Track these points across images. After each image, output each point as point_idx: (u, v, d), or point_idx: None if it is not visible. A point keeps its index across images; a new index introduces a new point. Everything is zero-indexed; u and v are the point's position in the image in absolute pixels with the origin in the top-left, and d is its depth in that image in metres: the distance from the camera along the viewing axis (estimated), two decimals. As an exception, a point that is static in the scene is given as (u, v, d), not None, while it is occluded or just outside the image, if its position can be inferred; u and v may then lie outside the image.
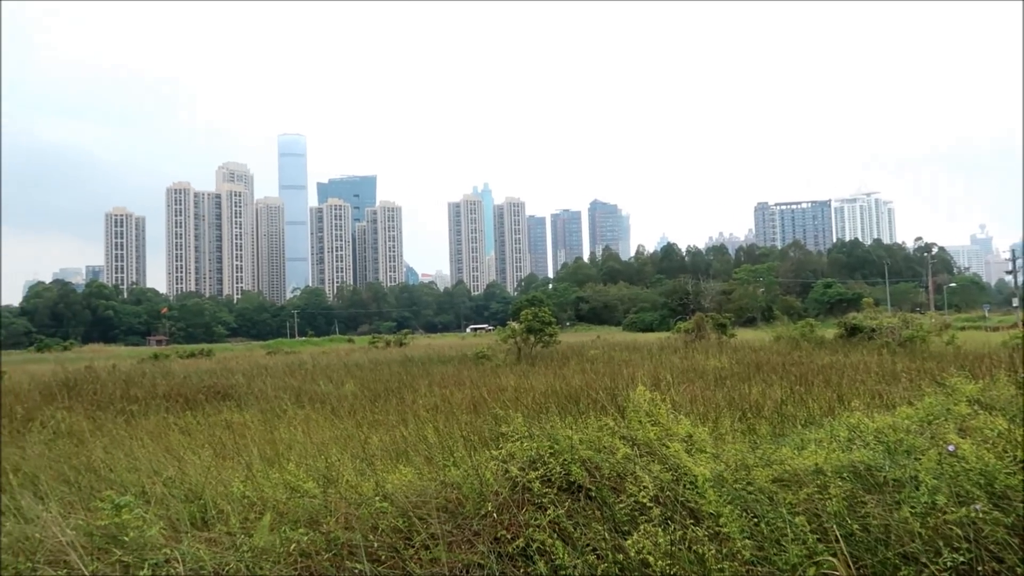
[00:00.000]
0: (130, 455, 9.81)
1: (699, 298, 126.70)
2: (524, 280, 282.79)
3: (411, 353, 40.10)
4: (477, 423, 11.14)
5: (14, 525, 6.55)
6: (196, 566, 5.34)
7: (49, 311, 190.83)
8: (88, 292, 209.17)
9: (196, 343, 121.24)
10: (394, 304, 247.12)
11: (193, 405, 16.34)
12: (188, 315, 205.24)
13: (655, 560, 4.96)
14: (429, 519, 5.94)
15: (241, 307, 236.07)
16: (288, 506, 6.76)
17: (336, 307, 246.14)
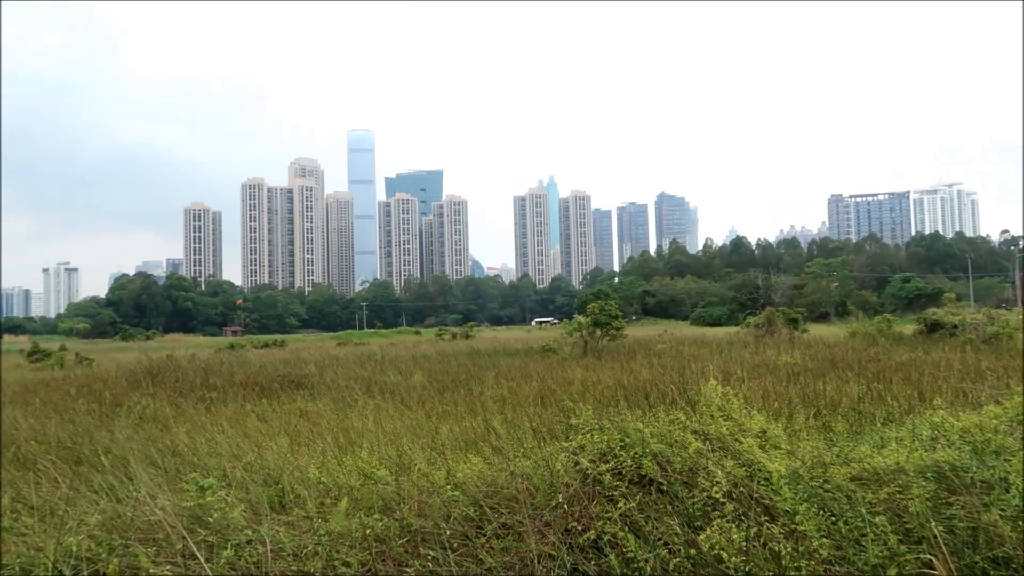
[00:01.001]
0: (211, 440, 10.18)
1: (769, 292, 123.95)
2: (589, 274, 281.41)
3: (477, 346, 40.43)
4: (545, 415, 11.16)
5: (108, 504, 6.88)
6: (276, 548, 5.52)
7: (133, 302, 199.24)
8: (168, 284, 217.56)
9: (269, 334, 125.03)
10: (460, 297, 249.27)
11: (268, 393, 16.84)
12: (262, 307, 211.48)
13: (729, 556, 4.89)
14: (500, 509, 6.00)
15: (312, 299, 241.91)
16: (362, 492, 6.92)
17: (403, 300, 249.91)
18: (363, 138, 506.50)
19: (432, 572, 5.11)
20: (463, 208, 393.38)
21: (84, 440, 10.58)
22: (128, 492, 7.30)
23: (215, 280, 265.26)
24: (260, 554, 5.35)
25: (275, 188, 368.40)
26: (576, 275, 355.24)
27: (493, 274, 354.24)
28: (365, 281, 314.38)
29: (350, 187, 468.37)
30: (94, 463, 8.98)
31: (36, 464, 8.99)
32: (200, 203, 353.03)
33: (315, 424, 11.83)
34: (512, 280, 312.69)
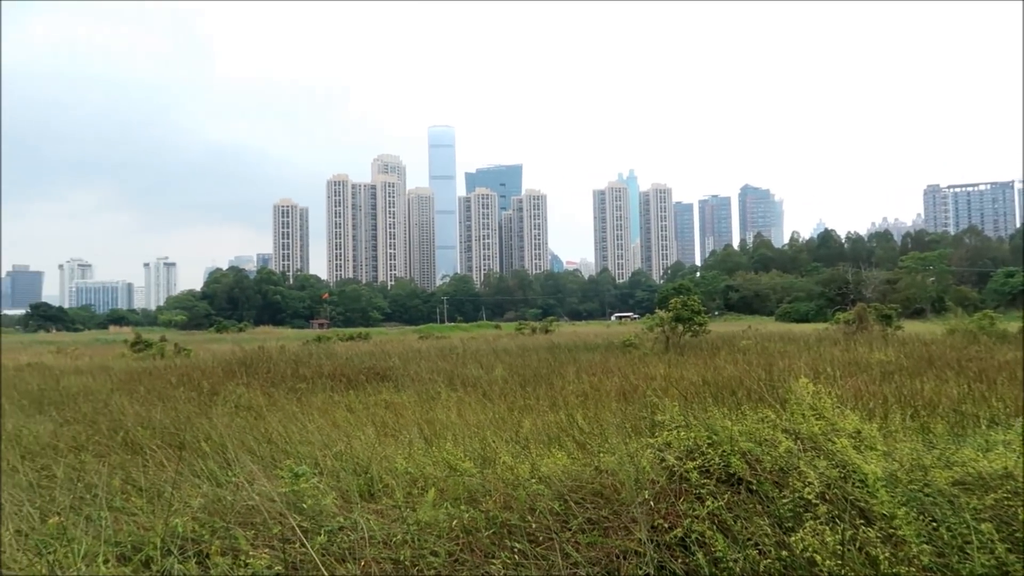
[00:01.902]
0: (302, 429, 10.54)
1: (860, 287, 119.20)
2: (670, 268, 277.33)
3: (556, 340, 40.40)
4: (628, 411, 11.08)
5: (209, 488, 7.22)
6: (367, 535, 5.67)
7: (226, 295, 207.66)
8: (259, 278, 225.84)
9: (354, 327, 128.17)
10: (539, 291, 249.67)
11: (355, 385, 17.27)
12: (346, 300, 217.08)
13: (822, 559, 4.76)
14: (585, 504, 6.01)
15: (394, 293, 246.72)
16: (448, 484, 7.04)
17: (483, 294, 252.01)
18: (444, 134, 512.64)
19: (518, 565, 5.16)
20: (542, 202, 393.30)
21: (185, 427, 11.12)
22: (227, 477, 7.63)
23: (302, 274, 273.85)
24: (352, 541, 5.51)
25: (359, 184, 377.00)
26: (656, 270, 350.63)
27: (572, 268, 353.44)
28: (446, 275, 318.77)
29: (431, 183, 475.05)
30: (195, 449, 9.42)
31: (143, 448, 9.50)
32: (288, 199, 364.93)
33: (400, 416, 12.07)
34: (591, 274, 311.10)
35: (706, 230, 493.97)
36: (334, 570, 5.16)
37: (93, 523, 6.06)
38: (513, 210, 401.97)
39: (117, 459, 8.97)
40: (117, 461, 8.81)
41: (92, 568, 4.93)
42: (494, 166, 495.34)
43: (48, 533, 5.84)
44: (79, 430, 11.26)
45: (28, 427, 11.57)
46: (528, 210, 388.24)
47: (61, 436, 10.80)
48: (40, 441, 10.42)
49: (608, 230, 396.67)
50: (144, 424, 11.37)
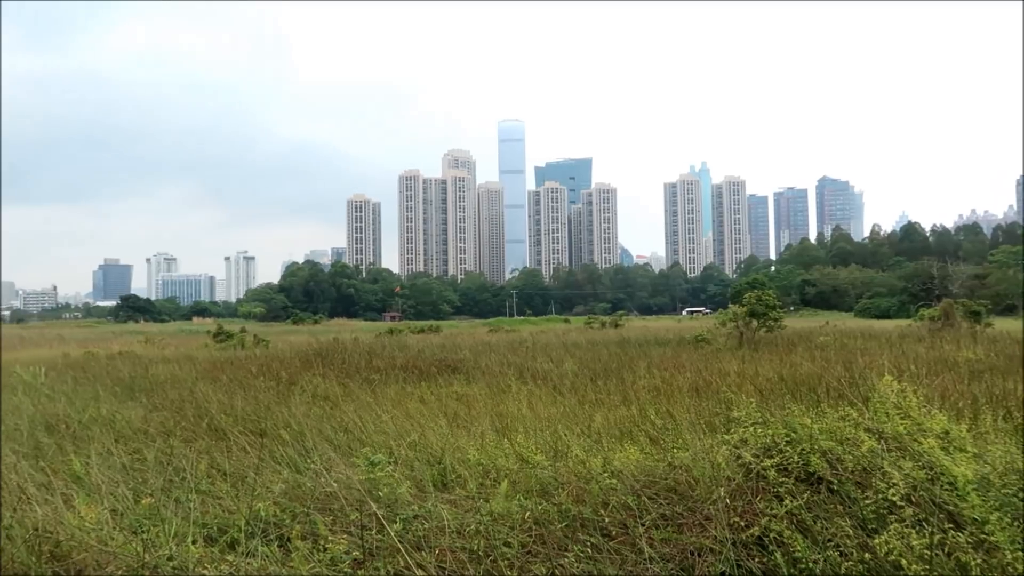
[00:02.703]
0: (377, 419, 10.75)
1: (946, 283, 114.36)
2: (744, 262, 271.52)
3: (626, 335, 40.09)
4: (701, 406, 10.91)
5: (289, 474, 7.46)
6: (441, 524, 5.76)
7: (302, 288, 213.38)
8: (333, 272, 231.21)
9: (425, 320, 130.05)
10: (609, 285, 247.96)
11: (427, 377, 17.52)
12: (418, 294, 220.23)
13: (908, 564, 4.59)
14: (658, 499, 5.95)
15: (464, 287, 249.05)
16: (520, 476, 7.07)
17: (552, 288, 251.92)
18: (513, 128, 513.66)
19: (591, 558, 5.15)
20: (612, 196, 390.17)
21: (265, 415, 11.50)
22: (306, 464, 7.86)
23: (375, 268, 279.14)
24: (427, 529, 5.60)
25: (430, 179, 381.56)
26: (729, 264, 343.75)
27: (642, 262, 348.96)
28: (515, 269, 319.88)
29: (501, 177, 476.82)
30: (275, 436, 9.73)
31: (227, 435, 9.87)
32: (361, 195, 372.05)
33: (471, 407, 12.18)
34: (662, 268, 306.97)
35: (781, 223, 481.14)
36: (410, 558, 5.25)
37: (182, 505, 6.34)
38: (583, 204, 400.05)
39: (203, 444, 9.33)
40: (203, 446, 9.17)
41: (182, 548, 5.15)
42: (564, 160, 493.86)
43: (141, 513, 6.14)
44: (167, 416, 11.77)
45: (121, 412, 12.16)
46: (598, 203, 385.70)
47: (151, 421, 11.31)
48: (132, 426, 10.94)
49: (679, 223, 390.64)
50: (227, 411, 11.79)
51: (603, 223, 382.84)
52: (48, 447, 9.37)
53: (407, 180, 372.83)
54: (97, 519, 5.75)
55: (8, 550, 5.01)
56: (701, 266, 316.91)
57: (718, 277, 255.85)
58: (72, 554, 5.04)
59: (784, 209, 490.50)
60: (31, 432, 10.52)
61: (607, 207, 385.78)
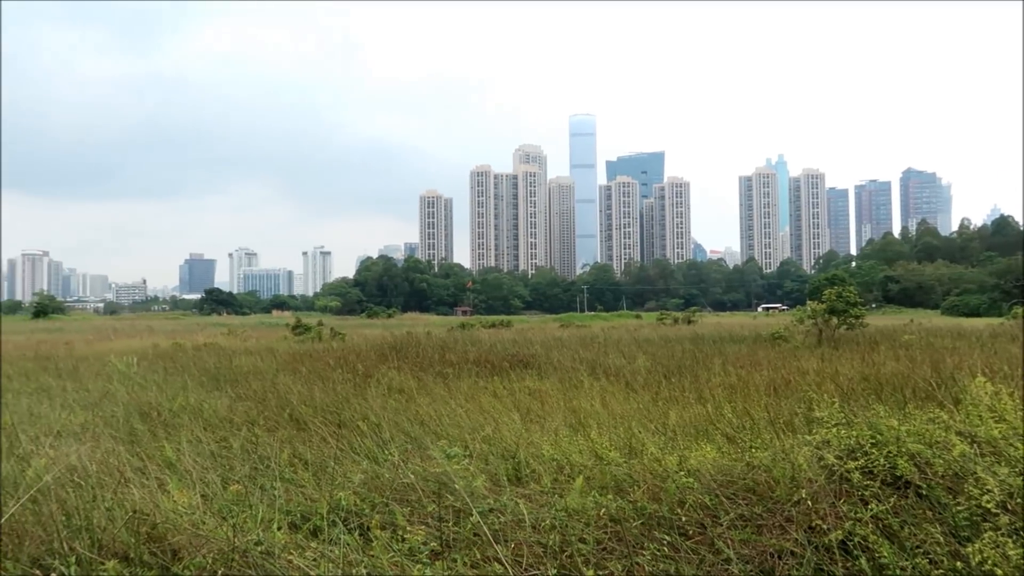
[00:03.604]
0: (451, 413, 10.90)
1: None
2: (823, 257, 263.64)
3: (700, 331, 39.42)
4: (779, 406, 10.66)
5: (368, 465, 7.64)
6: (516, 519, 5.81)
7: (376, 283, 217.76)
8: (406, 266, 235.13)
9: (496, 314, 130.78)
10: (681, 281, 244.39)
11: (499, 372, 17.62)
12: (489, 288, 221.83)
13: (1004, 574, 4.40)
14: (736, 499, 5.86)
15: (535, 282, 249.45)
16: (594, 472, 7.07)
17: (623, 283, 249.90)
18: (585, 123, 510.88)
19: (667, 557, 5.11)
20: (685, 190, 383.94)
21: (344, 406, 11.79)
22: (384, 455, 8.04)
23: (447, 263, 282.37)
24: (502, 523, 5.66)
25: (501, 174, 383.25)
26: (807, 259, 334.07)
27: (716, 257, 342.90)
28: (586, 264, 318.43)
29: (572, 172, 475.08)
30: (353, 427, 9.97)
31: (307, 425, 10.18)
32: (433, 190, 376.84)
33: (544, 403, 12.21)
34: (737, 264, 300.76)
35: (863, 217, 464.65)
36: (485, 550, 5.32)
37: (267, 492, 6.57)
38: (655, 198, 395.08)
39: (285, 434, 9.65)
40: (285, 436, 9.48)
41: (268, 534, 5.34)
42: (635, 154, 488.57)
43: (229, 499, 6.40)
44: (251, 406, 12.20)
45: (207, 402, 12.67)
46: (670, 198, 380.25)
47: (236, 411, 11.75)
48: (218, 415, 11.38)
49: (755, 218, 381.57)
50: (307, 402, 12.14)
51: (676, 217, 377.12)
52: (142, 433, 9.85)
53: (478, 175, 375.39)
54: (189, 503, 6.02)
55: (110, 530, 5.30)
56: (777, 261, 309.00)
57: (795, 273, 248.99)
58: (168, 536, 5.29)
59: (866, 202, 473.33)
60: (126, 419, 11.07)
61: (680, 201, 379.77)
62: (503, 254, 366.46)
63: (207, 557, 4.97)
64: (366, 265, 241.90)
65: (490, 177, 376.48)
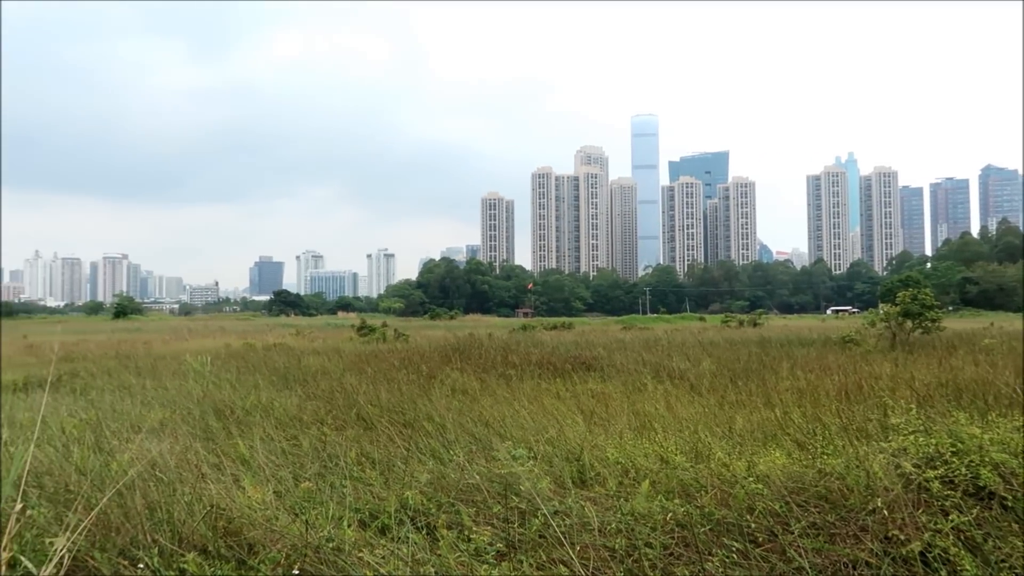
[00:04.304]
0: (515, 414, 10.94)
1: None
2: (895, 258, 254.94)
3: (766, 334, 38.59)
4: (851, 411, 10.37)
5: (434, 465, 7.73)
6: (582, 521, 5.80)
7: (438, 284, 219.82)
8: (468, 268, 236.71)
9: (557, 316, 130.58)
10: (746, 283, 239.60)
11: (561, 373, 17.60)
12: (550, 290, 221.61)
13: (1096, 591, 4.19)
14: (808, 507, 5.72)
15: (596, 284, 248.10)
16: (660, 476, 7.00)
17: (687, 285, 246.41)
18: (647, 123, 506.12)
19: (736, 564, 5.03)
20: (750, 190, 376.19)
21: (409, 406, 11.96)
22: (449, 456, 8.12)
23: (508, 264, 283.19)
24: (567, 525, 5.65)
25: (562, 176, 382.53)
26: (879, 260, 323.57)
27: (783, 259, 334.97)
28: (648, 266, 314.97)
29: (634, 172, 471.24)
30: (418, 427, 10.11)
31: (374, 424, 10.36)
32: (495, 192, 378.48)
33: (607, 405, 12.15)
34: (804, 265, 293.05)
35: (938, 216, 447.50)
36: (551, 552, 5.32)
37: (336, 490, 6.72)
38: (719, 198, 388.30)
39: (352, 433, 9.84)
40: (352, 435, 9.67)
41: (339, 531, 5.46)
42: (699, 154, 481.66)
43: (300, 496, 6.57)
44: (319, 405, 12.48)
45: (278, 400, 13.02)
46: (735, 198, 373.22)
47: (305, 410, 12.03)
48: (288, 413, 11.68)
49: (824, 218, 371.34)
50: (373, 402, 12.35)
51: (740, 218, 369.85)
52: (217, 431, 10.18)
53: (539, 177, 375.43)
54: (263, 499, 6.20)
55: (189, 523, 5.50)
56: (847, 263, 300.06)
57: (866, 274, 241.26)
58: (243, 531, 5.46)
59: (942, 201, 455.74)
60: (202, 416, 11.46)
61: (745, 201, 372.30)
62: (564, 256, 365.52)
63: (281, 552, 5.11)
64: (428, 267, 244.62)
65: (551, 179, 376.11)
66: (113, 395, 14.48)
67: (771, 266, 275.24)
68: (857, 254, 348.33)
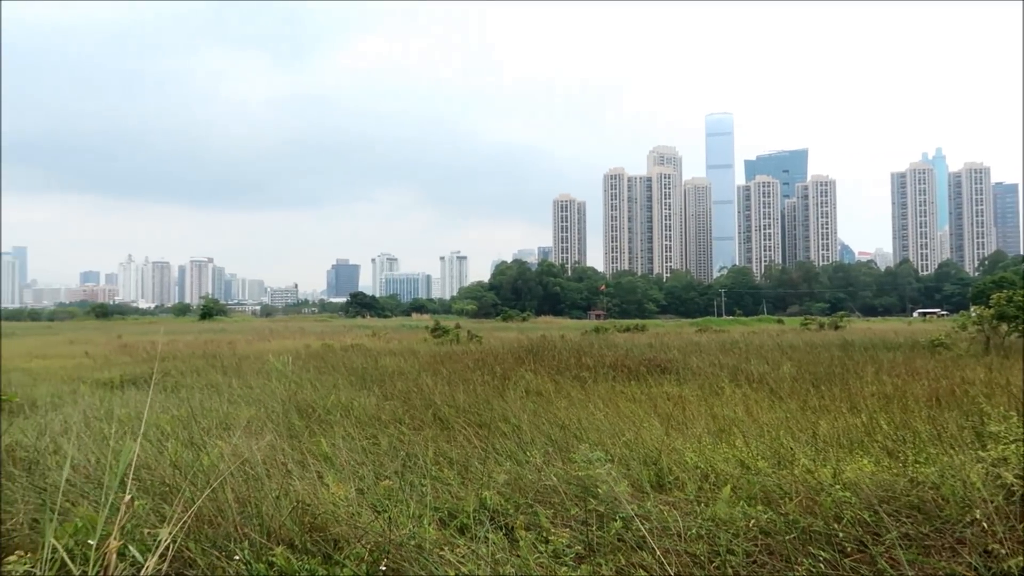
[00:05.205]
0: (590, 416, 10.90)
1: None
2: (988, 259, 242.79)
3: (848, 337, 37.29)
4: (944, 418, 9.92)
5: (511, 466, 7.77)
6: (661, 526, 5.73)
7: (510, 286, 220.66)
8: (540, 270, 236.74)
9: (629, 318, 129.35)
10: (827, 284, 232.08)
11: (636, 376, 17.43)
12: (622, 292, 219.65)
13: None
14: (900, 516, 5.52)
15: (670, 285, 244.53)
16: (741, 482, 6.86)
17: (764, 287, 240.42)
18: (721, 121, 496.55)
19: (824, 575, 4.88)
20: (831, 188, 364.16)
21: (484, 407, 12.05)
22: (525, 457, 8.15)
23: (580, 266, 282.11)
24: (646, 530, 5.59)
25: (635, 177, 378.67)
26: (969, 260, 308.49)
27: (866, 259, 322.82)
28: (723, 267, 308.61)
29: (708, 172, 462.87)
30: (494, 428, 10.17)
31: (451, 425, 10.48)
32: (566, 194, 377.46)
33: (684, 408, 11.97)
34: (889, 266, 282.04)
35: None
36: (630, 556, 5.28)
37: (415, 489, 6.83)
38: (797, 197, 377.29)
39: (430, 433, 9.97)
40: (430, 435, 9.80)
41: (419, 529, 5.55)
42: (776, 152, 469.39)
43: (381, 494, 6.70)
44: (397, 405, 12.70)
45: (357, 400, 13.31)
46: (814, 197, 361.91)
47: (383, 409, 12.26)
48: (367, 413, 11.93)
49: (909, 216, 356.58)
50: (449, 403, 12.50)
51: (820, 217, 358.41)
52: (300, 429, 10.48)
53: (611, 179, 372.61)
54: (346, 497, 6.35)
55: (277, 518, 5.68)
56: (935, 263, 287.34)
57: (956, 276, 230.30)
58: (328, 526, 5.61)
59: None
60: (285, 414, 11.82)
61: (825, 200, 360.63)
62: (637, 257, 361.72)
63: (364, 548, 5.22)
64: (500, 269, 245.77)
65: (623, 180, 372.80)
66: (202, 393, 15.06)
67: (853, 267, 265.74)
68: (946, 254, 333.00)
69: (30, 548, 4.94)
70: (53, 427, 10.38)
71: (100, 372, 21.81)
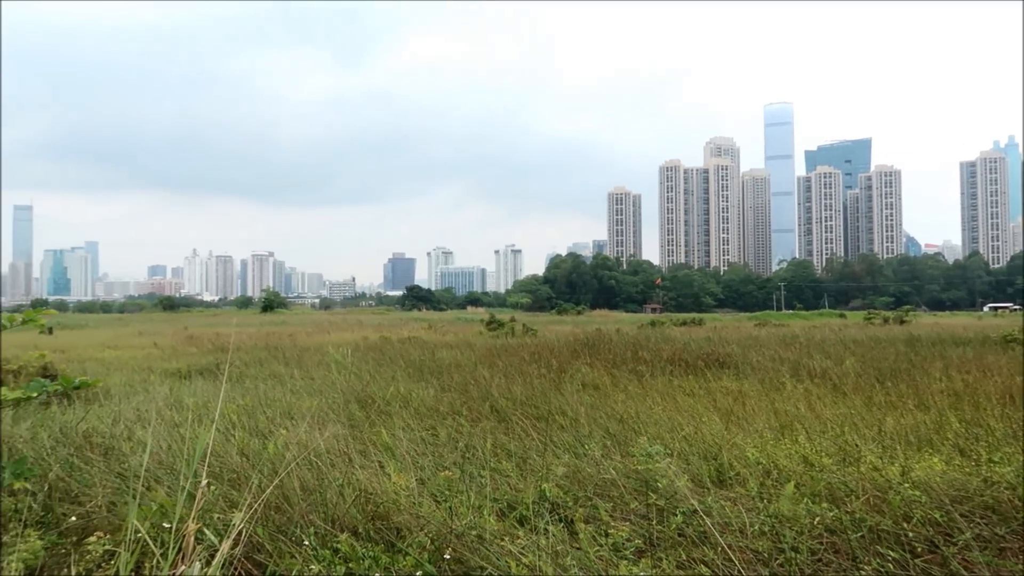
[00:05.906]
0: (648, 410, 10.82)
1: None
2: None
3: (915, 332, 36.15)
4: (1018, 416, 9.56)
5: (570, 459, 7.78)
6: (722, 522, 5.67)
7: (565, 280, 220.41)
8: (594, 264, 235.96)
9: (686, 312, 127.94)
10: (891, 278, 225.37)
11: (693, 370, 17.22)
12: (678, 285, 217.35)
13: None
14: (973, 517, 5.35)
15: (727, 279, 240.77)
16: (804, 479, 6.74)
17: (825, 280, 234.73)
18: (781, 111, 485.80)
19: (893, 575, 4.77)
20: (895, 179, 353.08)
21: (541, 400, 12.07)
22: (583, 450, 8.15)
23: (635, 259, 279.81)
24: (707, 525, 5.54)
25: (691, 169, 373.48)
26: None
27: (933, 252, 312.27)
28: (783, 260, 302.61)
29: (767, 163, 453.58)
30: (551, 421, 10.19)
31: (508, 417, 10.54)
32: (622, 187, 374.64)
33: (744, 404, 11.79)
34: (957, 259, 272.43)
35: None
36: (691, 551, 5.24)
37: (475, 480, 6.89)
38: (860, 188, 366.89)
39: (487, 425, 10.05)
40: (487, 427, 9.87)
41: (480, 519, 5.60)
42: (838, 142, 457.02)
43: (441, 484, 6.78)
44: (454, 397, 12.82)
45: (415, 392, 13.49)
46: (878, 188, 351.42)
47: (441, 401, 12.40)
48: (425, 404, 12.08)
49: (980, 207, 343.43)
50: (506, 395, 12.56)
51: (884, 209, 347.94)
52: (360, 419, 10.68)
53: (667, 171, 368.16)
54: (407, 486, 6.45)
55: (340, 506, 5.81)
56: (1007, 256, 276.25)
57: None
58: (391, 515, 5.71)
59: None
60: (345, 405, 12.06)
61: (889, 191, 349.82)
62: (693, 250, 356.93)
63: (426, 537, 5.31)
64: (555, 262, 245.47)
65: (680, 172, 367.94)
66: (265, 383, 15.47)
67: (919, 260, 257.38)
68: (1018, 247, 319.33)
69: (108, 529, 5.16)
70: (127, 415, 10.79)
71: (168, 362, 22.60)
